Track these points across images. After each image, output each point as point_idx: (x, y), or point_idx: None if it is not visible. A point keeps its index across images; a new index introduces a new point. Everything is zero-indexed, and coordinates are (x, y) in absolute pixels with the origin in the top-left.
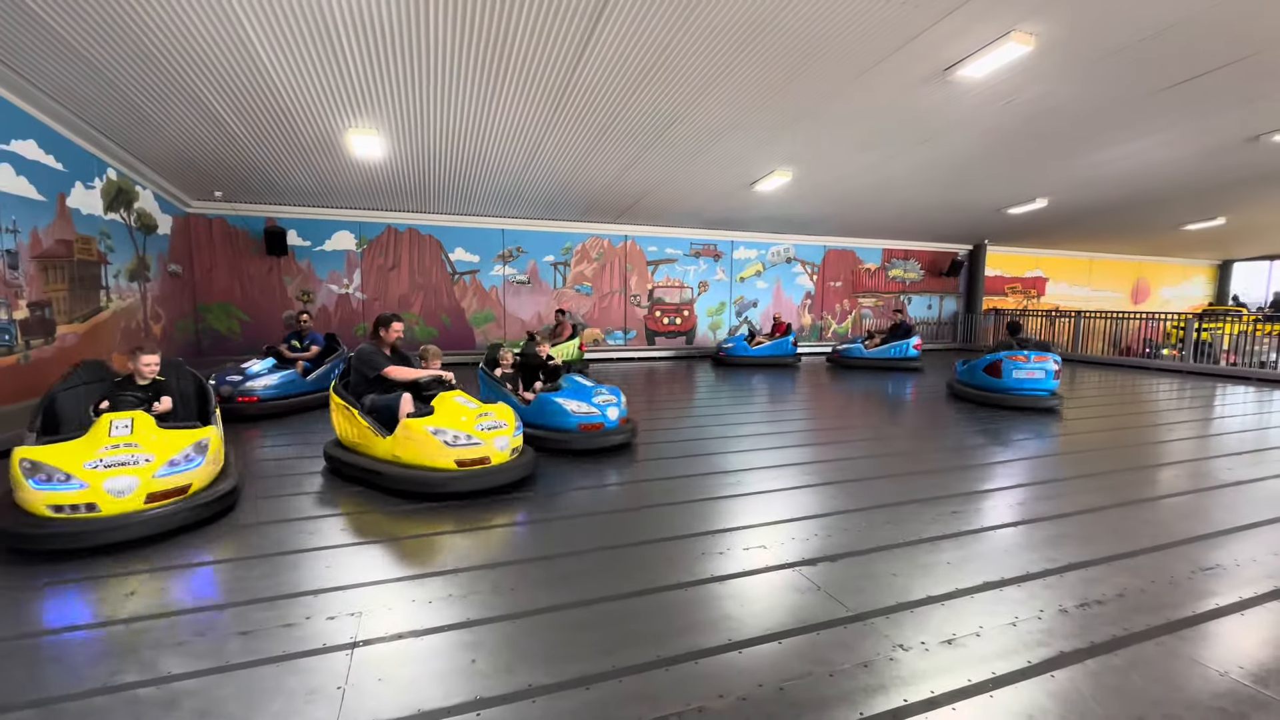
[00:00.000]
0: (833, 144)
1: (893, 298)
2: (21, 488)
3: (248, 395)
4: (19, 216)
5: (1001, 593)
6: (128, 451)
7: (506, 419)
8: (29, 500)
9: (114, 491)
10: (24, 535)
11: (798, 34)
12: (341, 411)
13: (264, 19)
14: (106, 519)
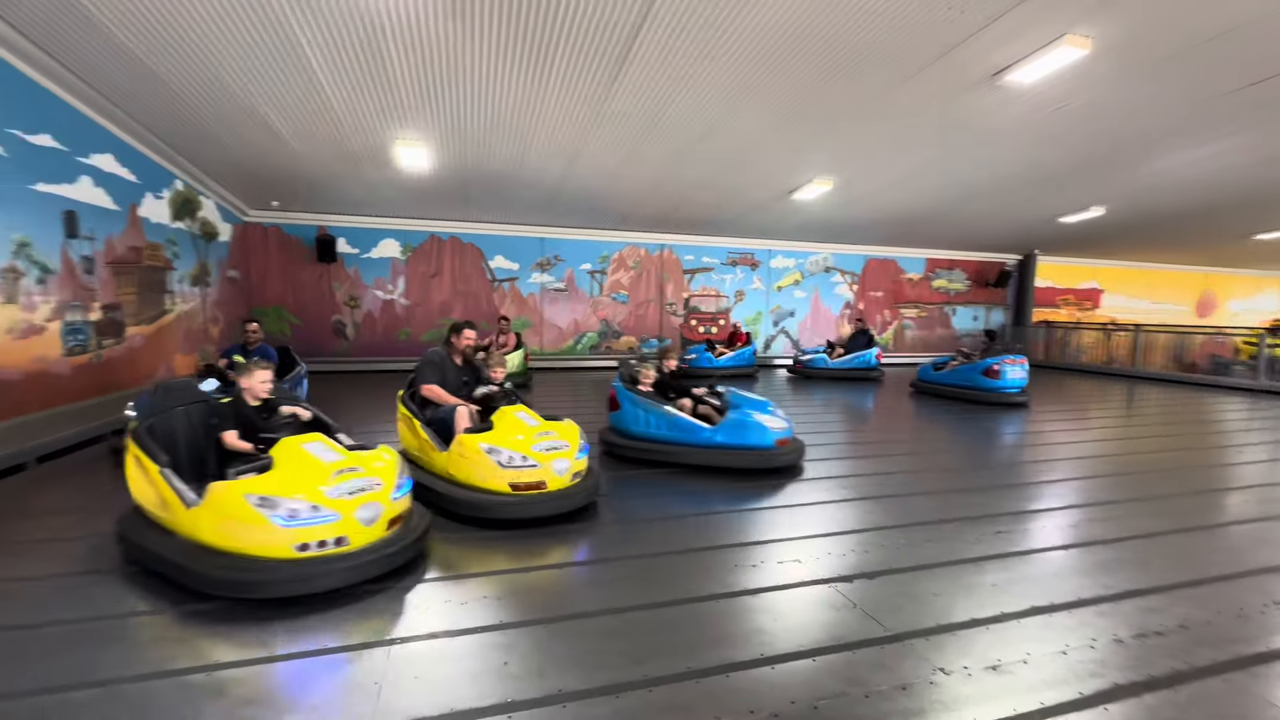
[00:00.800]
0: (875, 151)
1: (937, 309)
2: (254, 527)
3: None
4: (95, 225)
5: (1051, 618)
6: (360, 475)
7: (569, 439)
8: (266, 541)
9: (364, 520)
10: (260, 583)
11: (840, 40)
12: (405, 422)
13: (319, 34)
14: (355, 552)
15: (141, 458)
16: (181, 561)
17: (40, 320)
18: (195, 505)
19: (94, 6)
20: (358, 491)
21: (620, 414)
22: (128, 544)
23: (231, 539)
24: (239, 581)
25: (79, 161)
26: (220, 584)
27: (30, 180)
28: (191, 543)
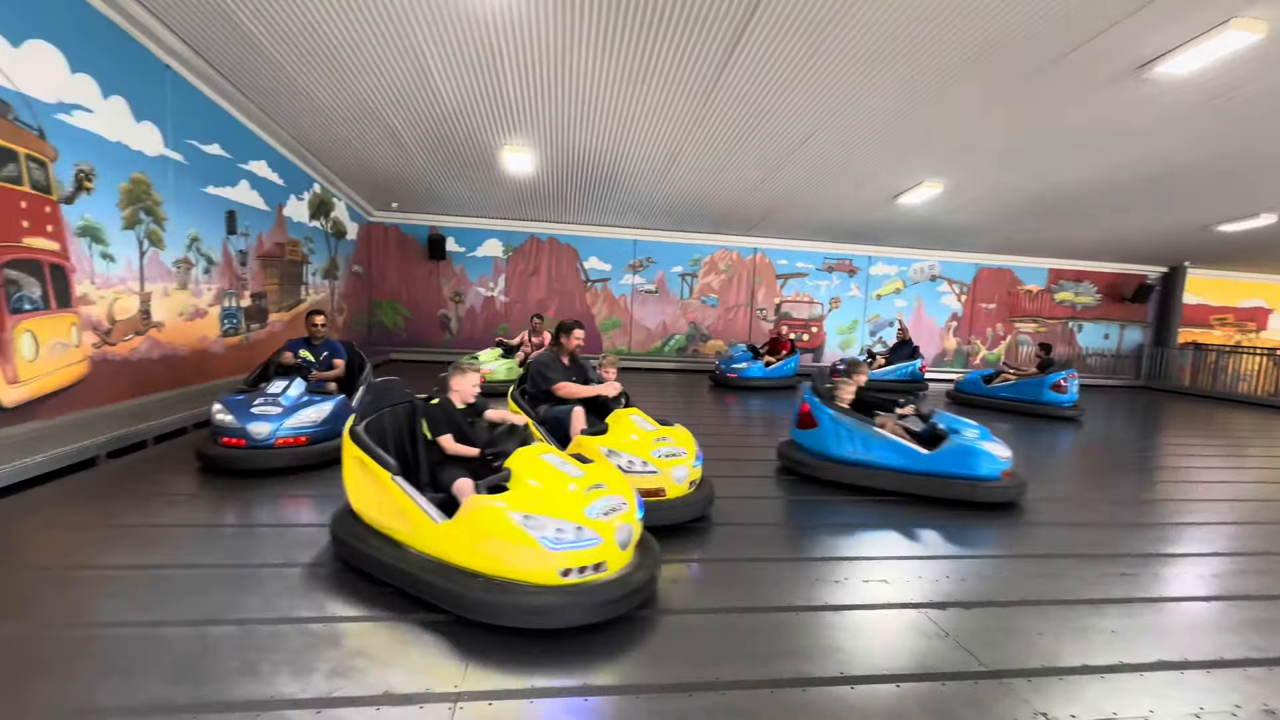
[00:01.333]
0: (995, 152)
1: (1059, 324)
2: (520, 549)
3: None
4: (250, 223)
5: (1183, 676)
6: (608, 493)
7: (686, 446)
8: (532, 565)
9: (621, 544)
10: (529, 610)
11: (963, 32)
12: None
13: (439, 42)
14: (612, 581)
15: (367, 463)
16: (429, 579)
17: (204, 305)
18: (442, 520)
19: (256, 28)
20: (611, 512)
21: (816, 432)
22: (346, 547)
23: (491, 560)
24: (506, 606)
25: (240, 167)
26: (480, 608)
27: (202, 184)
28: (433, 559)
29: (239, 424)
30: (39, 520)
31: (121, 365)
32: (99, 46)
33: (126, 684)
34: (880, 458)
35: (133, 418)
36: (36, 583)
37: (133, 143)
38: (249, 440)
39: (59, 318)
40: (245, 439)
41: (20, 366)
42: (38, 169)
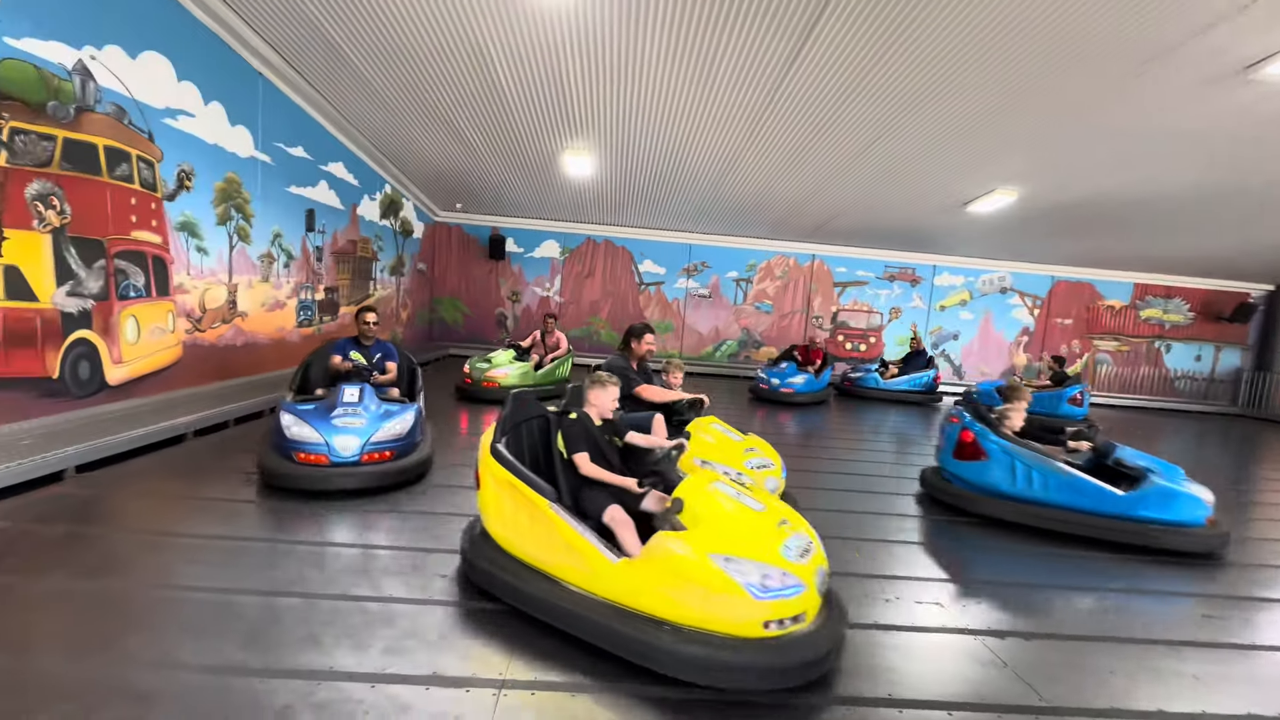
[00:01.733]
0: (1077, 159)
1: (1144, 343)
2: (723, 597)
3: None
4: (327, 221)
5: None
6: (797, 530)
7: (771, 456)
8: (735, 615)
9: (820, 589)
10: (739, 668)
11: (1049, 35)
12: None
13: (507, 47)
14: (811, 633)
15: (519, 487)
16: (603, 623)
17: (283, 297)
18: (617, 558)
19: (340, 38)
20: (805, 553)
21: (984, 466)
22: (487, 577)
23: (682, 607)
24: (699, 660)
25: (320, 169)
26: (668, 660)
27: (286, 184)
28: (603, 601)
29: (322, 438)
30: (135, 489)
31: (209, 351)
32: (202, 57)
33: (204, 644)
34: (1062, 497)
35: (217, 400)
36: (132, 545)
37: (227, 145)
38: (333, 456)
39: (159, 305)
40: (329, 455)
41: (124, 348)
42: (146, 169)
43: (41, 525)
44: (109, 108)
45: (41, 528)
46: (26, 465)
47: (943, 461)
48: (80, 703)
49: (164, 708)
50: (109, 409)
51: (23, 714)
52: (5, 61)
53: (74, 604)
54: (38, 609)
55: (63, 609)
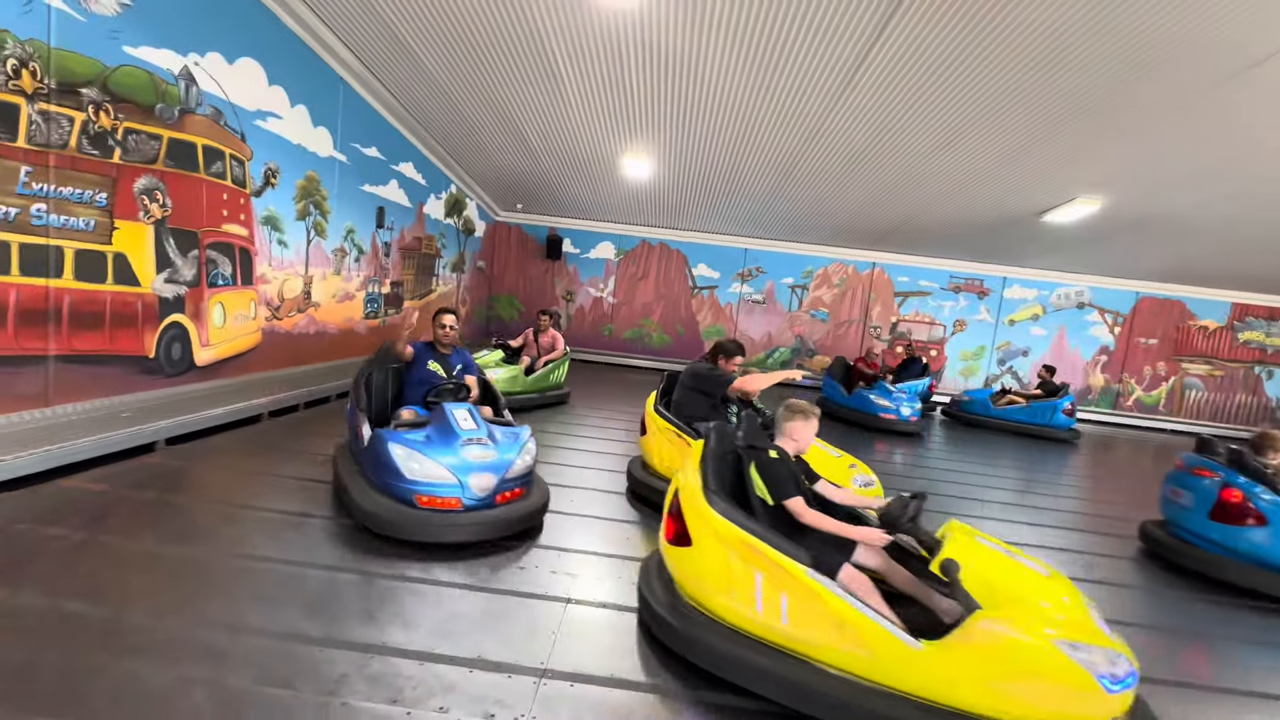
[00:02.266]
0: (1171, 167)
1: (1240, 369)
2: (1071, 693)
3: None
4: (395, 218)
5: None
6: (1084, 598)
7: (868, 472)
8: (1082, 714)
9: None
10: None
11: (1141, 36)
12: (667, 435)
13: (573, 54)
14: None
15: (762, 550)
16: None
17: (353, 290)
18: (917, 644)
19: (415, 43)
20: None
21: (1255, 531)
22: (722, 659)
23: (1016, 704)
24: None
25: (391, 168)
26: None
27: (360, 182)
28: (894, 692)
29: (456, 478)
30: (217, 463)
31: (285, 338)
32: (291, 62)
33: (272, 611)
34: None
35: (290, 384)
36: (212, 515)
37: (309, 145)
38: (467, 499)
39: (242, 293)
40: (462, 498)
41: (211, 332)
42: (238, 166)
43: (136, 491)
44: (208, 110)
45: (136, 493)
46: (125, 435)
47: (1180, 518)
48: (164, 655)
49: (235, 666)
50: (196, 388)
51: (120, 656)
52: (123, 68)
53: (161, 565)
54: (131, 568)
55: (151, 569)
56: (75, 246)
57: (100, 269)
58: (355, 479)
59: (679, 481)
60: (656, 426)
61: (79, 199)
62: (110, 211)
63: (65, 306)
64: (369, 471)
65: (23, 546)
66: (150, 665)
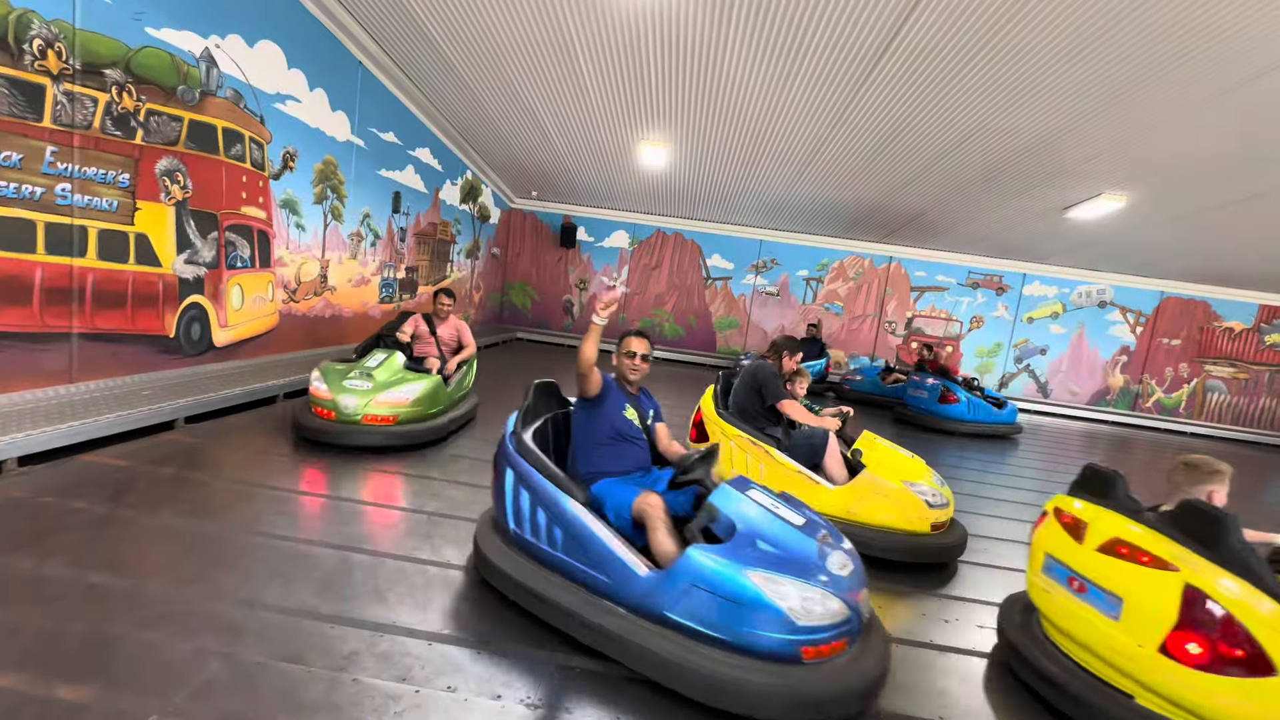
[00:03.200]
0: (1200, 163)
1: (1266, 372)
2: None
3: None
4: (411, 204)
5: None
6: None
7: None
8: None
9: None
10: None
11: (1171, 27)
12: (740, 443)
13: (591, 38)
14: None
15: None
16: None
17: (368, 274)
18: None
19: (435, 29)
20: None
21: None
22: None
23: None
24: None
25: (408, 154)
26: None
27: (378, 167)
28: None
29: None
30: (232, 442)
31: (301, 320)
32: (310, 46)
33: (286, 588)
34: None
35: (305, 366)
36: (229, 493)
37: (327, 129)
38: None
39: (260, 275)
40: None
41: (230, 313)
42: (257, 150)
43: (156, 467)
44: (228, 92)
45: (156, 469)
46: (146, 412)
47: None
48: (183, 626)
49: (249, 639)
50: (214, 368)
51: (140, 626)
52: (145, 49)
53: (180, 539)
54: (151, 540)
55: (170, 542)
56: (99, 226)
57: (122, 249)
58: None
59: None
60: (724, 433)
61: (102, 179)
62: (132, 192)
63: (89, 285)
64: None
65: (48, 519)
66: (169, 636)
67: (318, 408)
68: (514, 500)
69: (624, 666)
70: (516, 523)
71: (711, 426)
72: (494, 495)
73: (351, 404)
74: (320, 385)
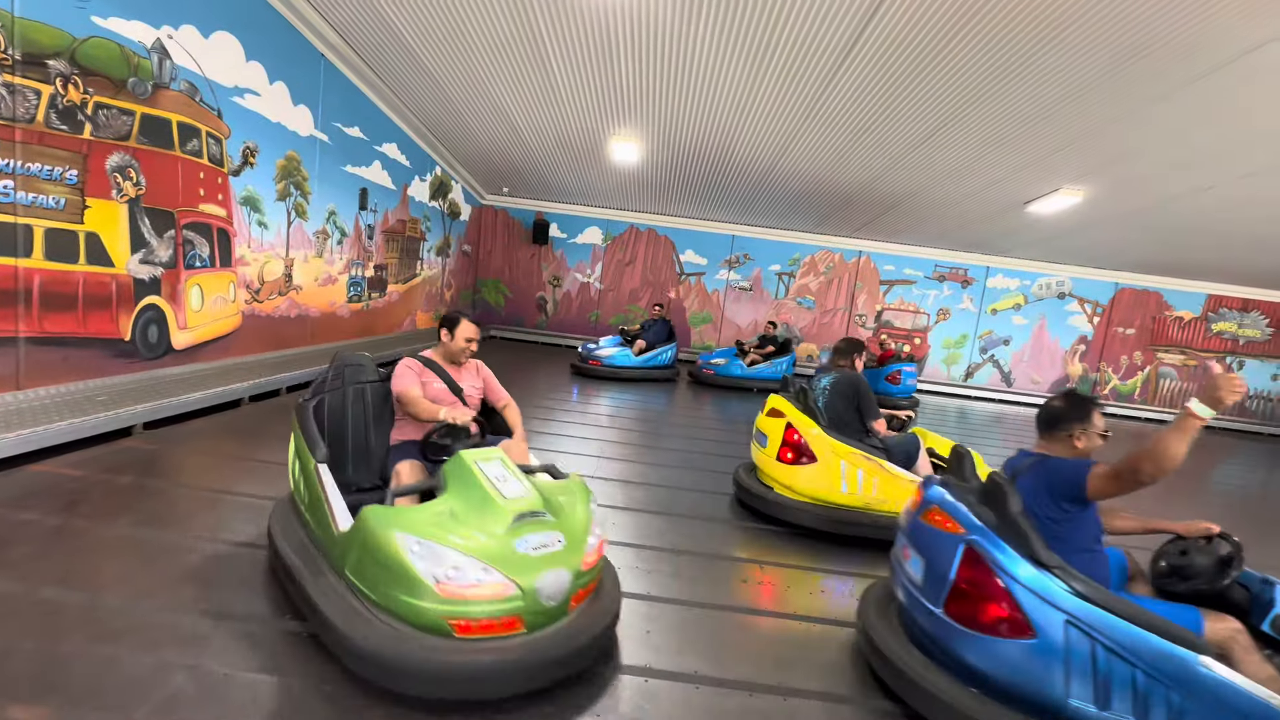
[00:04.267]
0: (1152, 159)
1: (1214, 356)
2: None
3: None
4: (379, 200)
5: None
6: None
7: None
8: None
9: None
10: None
11: (1125, 24)
12: (863, 463)
13: (561, 34)
14: None
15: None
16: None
17: (335, 273)
18: None
19: (399, 20)
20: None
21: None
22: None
23: None
24: None
25: (375, 149)
26: None
27: (343, 162)
28: None
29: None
30: (194, 448)
31: (265, 321)
32: (269, 37)
33: (253, 598)
34: None
35: (271, 368)
36: (190, 501)
37: (289, 124)
38: None
39: (221, 275)
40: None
41: (189, 315)
42: (215, 145)
43: (112, 476)
44: (183, 85)
45: (113, 478)
46: (101, 419)
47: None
48: (143, 640)
49: (216, 652)
50: (174, 372)
51: (98, 641)
52: (92, 40)
53: (139, 550)
54: (108, 552)
55: (129, 554)
56: (45, 225)
57: (72, 249)
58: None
59: None
60: (835, 451)
61: (48, 176)
62: (81, 189)
63: (35, 287)
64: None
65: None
66: (129, 650)
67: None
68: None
69: None
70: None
71: (819, 446)
72: None
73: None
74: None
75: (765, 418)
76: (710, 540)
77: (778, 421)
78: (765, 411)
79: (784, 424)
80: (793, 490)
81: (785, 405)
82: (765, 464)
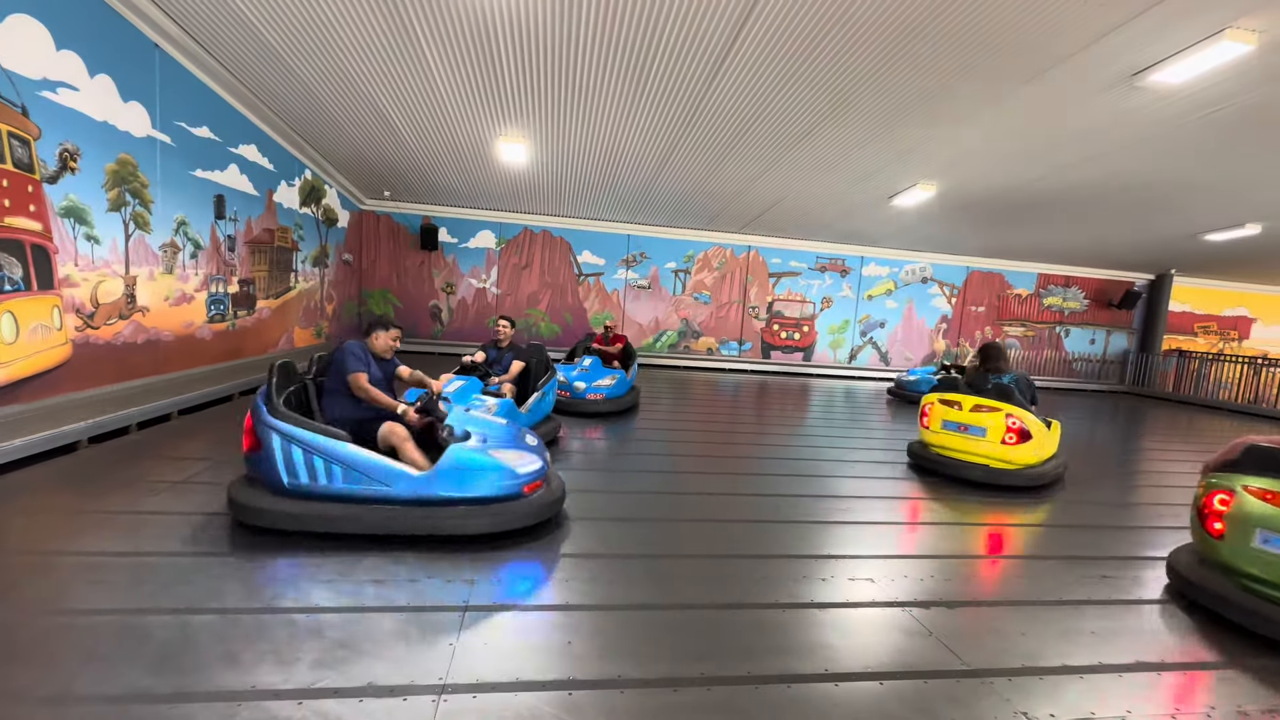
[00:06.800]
0: (989, 156)
1: (1046, 329)
2: None
3: None
4: (239, 208)
5: (1159, 677)
6: None
7: None
8: None
9: None
10: None
11: (960, 36)
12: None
13: (438, 33)
14: None
15: None
16: None
17: (191, 290)
18: None
19: (249, 10)
20: None
21: None
22: None
23: None
24: None
25: (229, 151)
26: None
27: (191, 167)
28: None
29: None
30: (19, 505)
31: (105, 349)
32: (86, 24)
33: (106, 672)
34: None
35: (116, 403)
36: (16, 568)
37: (120, 123)
38: None
39: (40, 299)
40: None
41: (1, 348)
42: (20, 147)
43: None
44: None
45: None
46: None
47: None
48: None
49: None
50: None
51: None
52: None
53: None
54: None
55: None
56: None
57: None
58: None
59: None
60: (1028, 422)
61: None
62: None
63: None
64: None
65: None
66: None
67: None
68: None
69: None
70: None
71: (1031, 423)
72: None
73: None
74: None
75: (970, 413)
76: None
77: (993, 415)
78: (968, 408)
79: (1002, 415)
80: (1010, 463)
81: (999, 403)
82: (986, 449)
